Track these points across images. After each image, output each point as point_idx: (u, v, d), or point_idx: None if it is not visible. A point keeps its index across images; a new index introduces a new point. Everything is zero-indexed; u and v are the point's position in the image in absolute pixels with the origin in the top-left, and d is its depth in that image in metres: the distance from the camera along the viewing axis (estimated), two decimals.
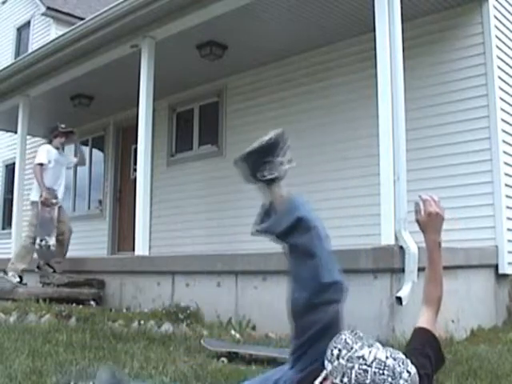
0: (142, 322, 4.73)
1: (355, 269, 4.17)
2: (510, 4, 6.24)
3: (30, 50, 10.35)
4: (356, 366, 1.63)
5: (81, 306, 5.43)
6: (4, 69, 8.50)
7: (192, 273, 5.38)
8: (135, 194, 6.43)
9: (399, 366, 1.65)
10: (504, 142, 5.66)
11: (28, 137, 9.36)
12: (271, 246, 7.40)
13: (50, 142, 7.00)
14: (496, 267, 5.43)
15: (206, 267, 5.30)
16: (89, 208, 10.60)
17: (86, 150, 10.89)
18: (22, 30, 13.92)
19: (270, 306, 4.63)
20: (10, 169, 11.91)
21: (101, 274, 6.22)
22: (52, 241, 6.67)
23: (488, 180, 5.58)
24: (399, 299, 3.93)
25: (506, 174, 5.62)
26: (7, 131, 11.68)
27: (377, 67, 4.52)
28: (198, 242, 7.97)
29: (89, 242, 9.38)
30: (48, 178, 6.71)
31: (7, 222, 12.26)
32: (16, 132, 9.03)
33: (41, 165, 6.70)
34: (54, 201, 6.67)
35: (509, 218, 5.57)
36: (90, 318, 4.90)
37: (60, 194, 6.84)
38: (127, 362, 3.37)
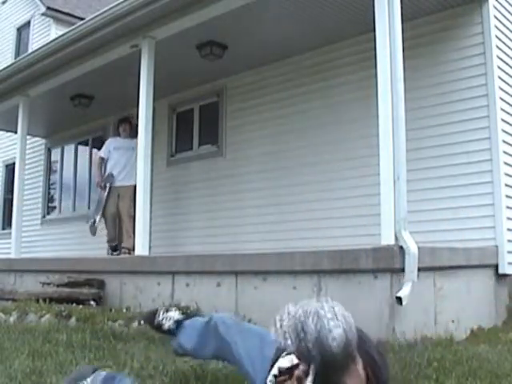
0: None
1: (355, 269, 4.18)
2: (510, 4, 6.24)
3: (30, 50, 10.35)
4: (290, 322, 1.81)
5: (81, 306, 5.43)
6: (4, 69, 8.49)
7: (192, 273, 5.37)
8: (135, 194, 6.43)
9: (322, 309, 1.82)
10: (504, 142, 5.66)
11: (28, 137, 9.37)
12: (271, 246, 7.40)
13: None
14: (496, 267, 5.43)
15: (206, 267, 5.29)
16: (89, 208, 10.59)
17: (85, 150, 10.92)
18: (22, 29, 13.92)
19: (270, 306, 4.62)
20: (10, 169, 11.93)
21: (101, 273, 6.22)
22: (96, 218, 8.10)
23: (488, 180, 5.58)
24: (399, 299, 3.93)
25: (506, 174, 5.62)
26: (7, 131, 11.69)
27: (377, 67, 4.52)
28: (198, 242, 7.98)
29: (89, 242, 9.38)
30: (109, 165, 7.95)
31: (7, 222, 12.28)
32: (16, 132, 9.03)
33: (101, 158, 8.10)
34: (102, 184, 7.94)
35: (509, 218, 5.57)
36: (90, 318, 4.89)
37: (120, 177, 7.85)
38: (127, 362, 3.37)
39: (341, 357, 1.81)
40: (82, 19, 8.35)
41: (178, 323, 2.99)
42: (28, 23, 13.65)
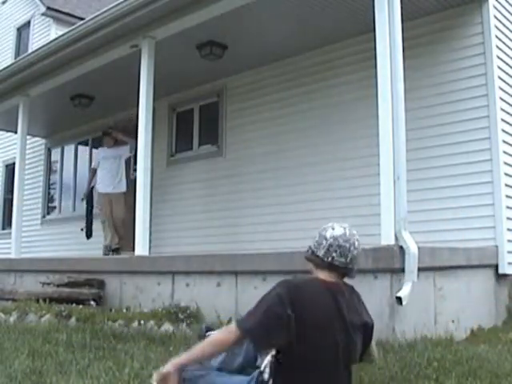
0: (142, 322, 4.73)
1: None
2: (510, 4, 6.25)
3: (30, 50, 10.34)
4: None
5: (81, 306, 5.43)
6: (4, 69, 8.49)
7: (192, 273, 5.37)
8: (135, 194, 6.43)
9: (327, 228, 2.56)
10: (504, 142, 5.66)
11: (28, 137, 9.36)
12: (271, 246, 7.39)
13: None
14: (496, 267, 5.43)
15: (206, 267, 5.29)
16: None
17: (85, 150, 10.92)
18: (22, 30, 13.91)
19: None
20: (10, 169, 11.92)
21: (101, 274, 6.21)
22: (84, 226, 9.20)
23: (488, 180, 5.58)
24: (399, 299, 3.93)
25: (506, 174, 5.62)
26: (7, 131, 11.69)
27: (377, 67, 4.52)
28: (198, 241, 7.97)
29: (89, 242, 9.37)
30: (100, 174, 8.24)
31: (7, 222, 12.27)
32: (16, 132, 9.03)
33: (93, 169, 8.50)
34: (82, 197, 9.10)
35: (509, 218, 5.57)
36: (90, 318, 4.90)
37: (111, 185, 8.12)
38: (127, 362, 3.37)
39: (327, 244, 2.47)
40: (82, 19, 8.34)
41: None
42: (28, 23, 13.64)
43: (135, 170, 7.38)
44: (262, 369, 2.42)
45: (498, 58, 5.76)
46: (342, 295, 2.41)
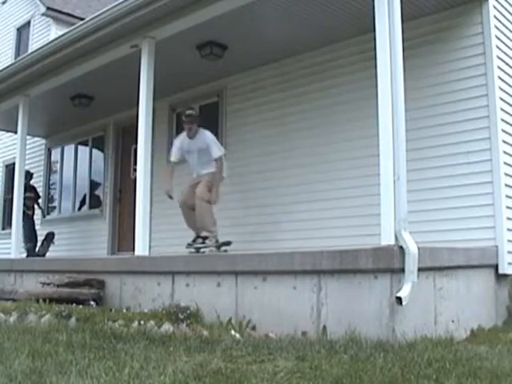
0: (142, 322, 4.73)
1: (355, 269, 4.17)
2: (509, 4, 6.25)
3: (30, 50, 10.35)
4: None
5: (81, 306, 5.43)
6: (4, 69, 8.49)
7: (192, 273, 5.37)
8: (135, 194, 6.44)
9: None
10: (504, 142, 5.66)
11: (28, 137, 9.37)
12: (271, 246, 7.37)
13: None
14: (496, 267, 5.44)
15: (206, 267, 5.29)
16: (89, 208, 10.60)
17: (85, 150, 10.92)
18: (22, 30, 13.93)
19: (269, 306, 4.63)
20: (10, 169, 11.93)
21: (101, 274, 6.22)
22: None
23: (488, 180, 5.58)
24: (399, 299, 3.93)
25: (506, 174, 5.62)
26: (7, 131, 11.70)
27: (377, 67, 4.52)
28: None
29: (89, 242, 9.38)
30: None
31: (7, 222, 12.27)
32: (16, 132, 9.03)
33: (173, 163, 6.95)
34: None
35: (509, 218, 5.57)
36: (90, 318, 4.89)
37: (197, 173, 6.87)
38: (127, 362, 3.37)
39: None
40: (81, 19, 8.35)
41: None
42: (28, 23, 13.65)
43: (135, 170, 7.37)
44: None
45: (498, 58, 5.77)
46: None
